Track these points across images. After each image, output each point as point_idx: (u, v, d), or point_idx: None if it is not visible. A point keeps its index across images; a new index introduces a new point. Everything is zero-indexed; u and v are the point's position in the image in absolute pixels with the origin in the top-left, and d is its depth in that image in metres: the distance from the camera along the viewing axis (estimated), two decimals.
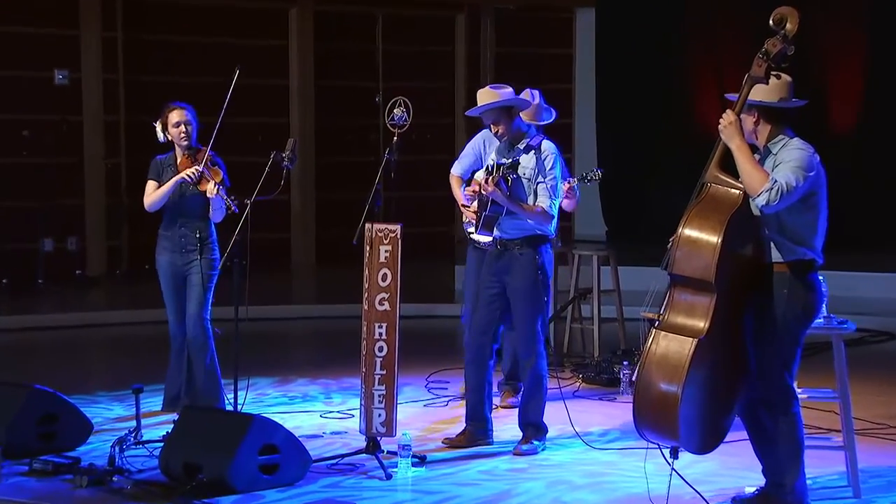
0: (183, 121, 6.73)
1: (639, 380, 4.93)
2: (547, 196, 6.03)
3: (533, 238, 6.07)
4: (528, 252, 6.05)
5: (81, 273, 12.22)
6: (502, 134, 6.08)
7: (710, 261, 4.81)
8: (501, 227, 6.08)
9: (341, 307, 10.51)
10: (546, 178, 6.03)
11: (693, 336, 4.84)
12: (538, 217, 6.02)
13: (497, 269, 6.12)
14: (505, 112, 6.04)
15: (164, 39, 12.90)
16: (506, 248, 6.10)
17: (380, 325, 5.99)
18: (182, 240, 6.74)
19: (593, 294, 8.70)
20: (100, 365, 9.15)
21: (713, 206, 4.91)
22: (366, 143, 13.64)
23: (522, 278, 6.04)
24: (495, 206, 6.01)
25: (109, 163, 12.46)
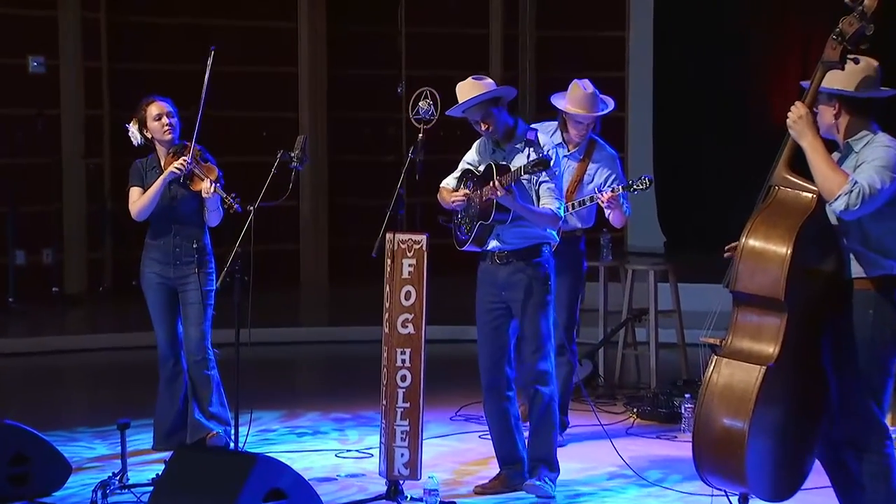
0: (163, 112, 6.82)
1: (699, 415, 4.95)
2: (553, 197, 6.04)
3: (537, 247, 6.10)
4: (535, 262, 6.07)
5: (58, 290, 12.33)
6: (493, 130, 6.04)
7: (779, 275, 4.83)
8: (502, 237, 6.08)
9: (358, 330, 10.59)
10: (549, 177, 6.00)
11: (761, 363, 4.87)
12: (549, 221, 6.05)
13: (498, 285, 6.12)
14: (493, 105, 6.01)
15: (155, 22, 13.04)
16: (507, 260, 6.10)
17: (403, 350, 6.06)
18: (176, 250, 6.82)
19: (649, 315, 8.74)
20: (80, 396, 9.26)
21: (781, 212, 4.92)
22: (386, 140, 13.73)
23: (530, 292, 6.05)
24: (500, 214, 5.97)
25: (91, 163, 12.59)
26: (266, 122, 13.31)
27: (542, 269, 6.06)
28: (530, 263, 6.06)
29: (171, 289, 6.85)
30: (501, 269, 6.10)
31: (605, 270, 9.11)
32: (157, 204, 6.80)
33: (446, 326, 10.12)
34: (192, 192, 6.75)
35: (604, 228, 9.03)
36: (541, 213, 6.01)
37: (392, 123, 13.62)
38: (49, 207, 12.50)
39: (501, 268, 6.10)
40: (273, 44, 13.50)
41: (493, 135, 6.06)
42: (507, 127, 6.07)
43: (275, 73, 13.54)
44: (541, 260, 6.08)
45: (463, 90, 6.04)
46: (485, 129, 6.05)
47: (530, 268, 6.05)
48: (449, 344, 9.92)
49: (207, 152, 6.87)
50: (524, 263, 6.06)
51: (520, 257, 6.07)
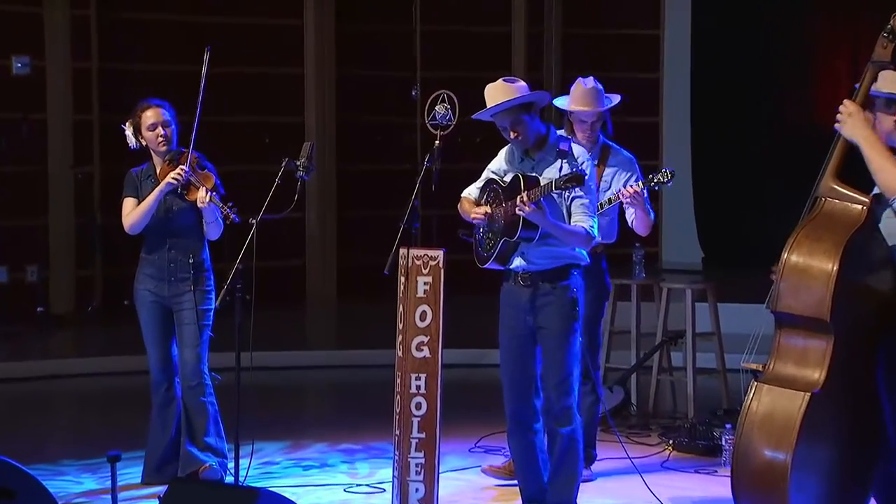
0: (159, 122, 6.84)
1: (738, 446, 4.96)
2: (587, 213, 5.96)
3: (566, 268, 6.03)
4: (563, 284, 6.00)
5: (43, 310, 12.36)
6: (524, 139, 5.98)
7: (824, 294, 4.83)
8: (527, 256, 6.01)
9: (369, 353, 10.61)
10: (583, 192, 5.94)
11: (805, 390, 4.87)
12: (581, 241, 5.98)
13: (521, 308, 6.06)
14: (524, 112, 5.96)
15: (149, 19, 13.10)
16: (532, 282, 6.03)
17: (418, 376, 6.07)
18: (171, 266, 6.85)
19: (686, 338, 8.74)
20: (66, 426, 9.27)
21: (827, 225, 4.92)
22: (400, 147, 13.76)
23: (556, 318, 5.98)
24: (526, 232, 5.90)
25: (80, 172, 12.64)
26: (269, 128, 13.36)
27: (569, 292, 6.00)
28: (557, 286, 6.00)
29: (166, 308, 6.88)
30: (525, 291, 6.05)
31: (637, 289, 9.11)
32: (151, 216, 6.83)
33: (465, 350, 10.13)
34: (189, 203, 6.78)
35: (636, 243, 9.04)
36: (572, 231, 5.93)
37: (406, 129, 13.64)
38: (34, 220, 12.55)
39: (525, 290, 6.04)
40: (277, 42, 13.55)
41: (522, 143, 6.01)
42: (539, 135, 6.02)
43: (279, 75, 13.60)
44: (569, 283, 6.01)
45: (493, 93, 6.00)
46: (514, 136, 6.00)
47: (556, 291, 5.99)
48: (468, 369, 9.92)
49: (206, 159, 6.90)
50: (550, 286, 6.00)
51: (545, 279, 6.01)
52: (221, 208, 6.65)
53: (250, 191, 7.07)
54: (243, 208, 6.67)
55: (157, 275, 6.87)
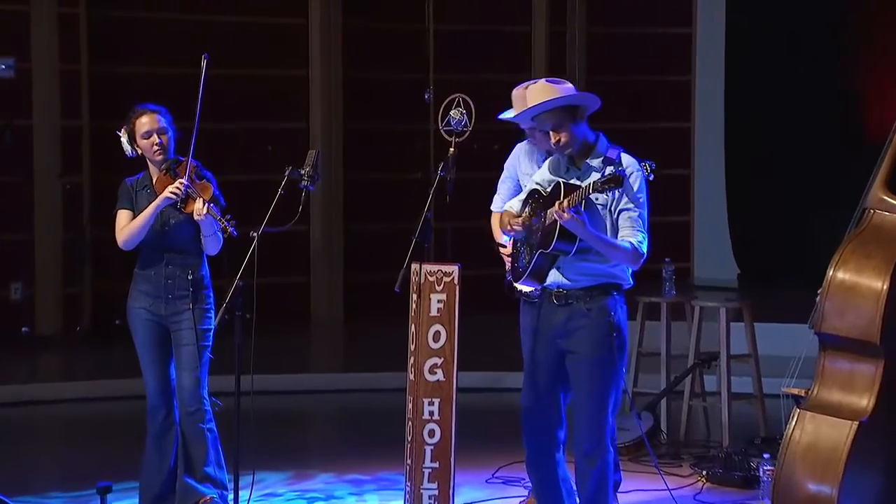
0: (155, 129, 6.84)
1: (779, 478, 4.95)
2: (635, 228, 5.87)
3: (606, 287, 5.94)
4: (600, 306, 5.91)
5: (29, 331, 12.39)
6: (565, 144, 5.91)
7: (873, 314, 4.83)
8: (562, 272, 5.94)
9: (378, 377, 10.60)
10: (633, 204, 5.88)
11: (852, 418, 4.87)
12: (627, 257, 5.88)
13: (554, 330, 5.99)
14: (569, 114, 5.90)
15: (144, 18, 13.12)
16: (567, 300, 5.96)
17: (431, 401, 6.07)
18: (168, 283, 6.86)
19: (721, 361, 8.73)
20: (53, 455, 9.28)
21: (877, 239, 4.92)
22: (412, 155, 13.77)
23: (590, 343, 5.89)
24: (563, 243, 5.81)
25: (68, 183, 12.66)
26: (271, 135, 13.37)
27: (607, 316, 5.90)
28: (594, 308, 5.91)
29: (163, 327, 6.88)
30: (559, 311, 5.96)
31: (667, 307, 9.10)
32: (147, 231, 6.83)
33: (482, 373, 10.12)
34: (187, 216, 6.79)
35: (666, 258, 9.03)
36: (616, 245, 5.84)
37: (418, 136, 13.65)
38: (18, 234, 12.56)
39: (559, 310, 5.96)
40: (280, 43, 13.57)
41: (565, 149, 5.97)
42: (586, 143, 5.96)
43: (282, 77, 13.61)
44: (608, 305, 5.92)
45: (534, 94, 5.96)
46: (555, 141, 5.93)
47: (593, 313, 5.91)
48: (485, 393, 9.92)
49: (204, 168, 6.91)
50: (585, 307, 5.93)
51: (581, 298, 5.93)
52: (219, 221, 6.65)
53: (251, 202, 7.08)
54: (244, 220, 6.67)
55: (152, 292, 6.87)
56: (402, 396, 6.25)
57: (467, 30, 14.03)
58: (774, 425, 8.31)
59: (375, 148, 13.90)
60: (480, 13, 14.05)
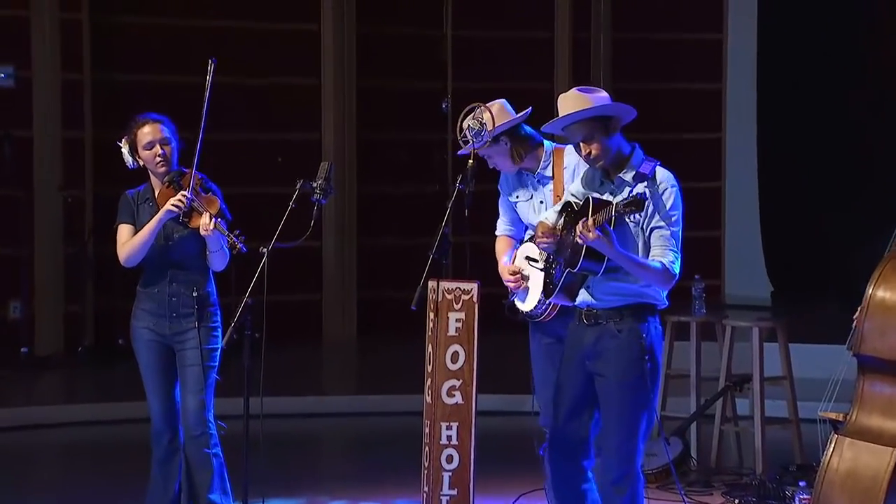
0: (157, 139, 6.83)
1: None
2: (667, 247, 5.84)
3: (638, 308, 5.90)
4: (631, 327, 5.87)
5: (28, 351, 12.41)
6: (596, 157, 5.89)
7: None
8: (592, 291, 5.92)
9: (394, 399, 10.59)
10: (665, 222, 5.85)
11: (893, 444, 4.84)
12: (657, 278, 5.85)
13: (583, 351, 5.97)
14: (601, 126, 5.89)
15: (148, 24, 13.16)
16: (596, 320, 5.93)
17: (449, 424, 6.05)
18: (172, 300, 6.85)
19: (753, 383, 8.70)
20: (52, 481, 9.25)
21: None
22: (429, 167, 13.77)
23: (620, 366, 5.85)
24: (590, 262, 5.78)
25: (69, 196, 12.69)
26: (282, 146, 13.39)
27: (639, 338, 5.87)
28: (625, 329, 5.87)
29: (167, 347, 6.88)
30: (588, 331, 5.94)
31: (697, 327, 9.07)
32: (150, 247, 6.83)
33: (502, 395, 10.10)
34: (191, 231, 6.79)
35: (696, 276, 9.00)
36: (646, 265, 5.81)
37: (435, 147, 13.66)
38: (17, 250, 12.59)
39: (588, 330, 5.93)
40: (290, 49, 13.59)
41: (596, 162, 5.93)
42: (620, 154, 5.94)
43: (292, 86, 13.63)
44: (639, 326, 5.88)
45: (564, 103, 5.94)
46: (585, 154, 5.91)
47: (624, 334, 5.87)
48: (505, 416, 9.89)
49: (210, 181, 6.91)
50: (616, 327, 5.89)
51: (611, 318, 5.90)
52: (227, 236, 6.64)
53: (261, 216, 7.06)
54: (252, 236, 6.66)
55: (156, 311, 6.87)
56: (418, 420, 6.23)
57: (486, 36, 14.03)
58: (811, 451, 8.26)
59: (390, 159, 13.91)
60: (500, 18, 14.06)
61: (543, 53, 14.11)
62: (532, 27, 14.15)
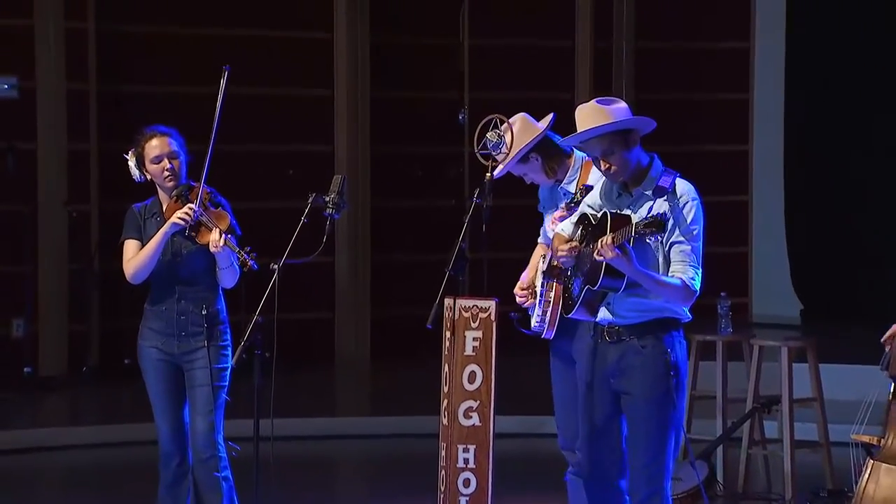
0: (165, 153, 6.84)
1: None
2: (687, 263, 5.86)
3: (661, 323, 5.93)
4: (655, 343, 5.90)
5: (31, 371, 12.40)
6: (615, 172, 5.92)
7: None
8: (614, 307, 5.95)
9: (408, 421, 10.59)
10: (685, 237, 5.86)
11: None
12: (677, 295, 5.88)
13: (607, 370, 5.98)
14: (621, 139, 5.90)
15: (156, 32, 13.17)
16: (619, 337, 5.95)
17: (466, 447, 6.05)
18: (181, 318, 6.86)
19: (782, 405, 8.68)
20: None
21: None
22: (445, 181, 13.78)
23: (646, 383, 5.88)
24: (610, 279, 5.81)
25: (75, 210, 12.71)
26: (293, 158, 13.40)
27: (663, 354, 5.89)
28: (648, 345, 5.91)
29: (176, 367, 6.89)
30: (611, 349, 5.96)
31: (723, 346, 9.06)
32: (157, 262, 6.85)
33: (521, 417, 10.09)
34: (200, 246, 6.80)
35: (721, 293, 8.99)
36: (666, 283, 5.84)
37: (452, 160, 13.67)
38: (21, 266, 12.58)
39: (611, 347, 5.96)
40: (303, 59, 13.59)
41: (616, 177, 5.95)
42: (639, 168, 5.95)
43: (304, 96, 13.64)
44: (663, 341, 5.91)
45: (582, 116, 5.96)
46: (604, 169, 5.94)
47: (648, 350, 5.90)
48: (524, 439, 9.89)
49: (219, 195, 6.92)
50: (640, 344, 5.92)
51: (635, 334, 5.92)
52: (238, 253, 6.66)
53: (272, 231, 7.09)
54: (263, 251, 6.68)
55: (164, 329, 6.89)
56: (434, 442, 6.24)
57: (505, 44, 14.03)
58: (842, 476, 8.25)
59: (405, 173, 13.91)
60: (519, 27, 14.06)
61: (564, 62, 14.10)
62: (552, 35, 14.15)
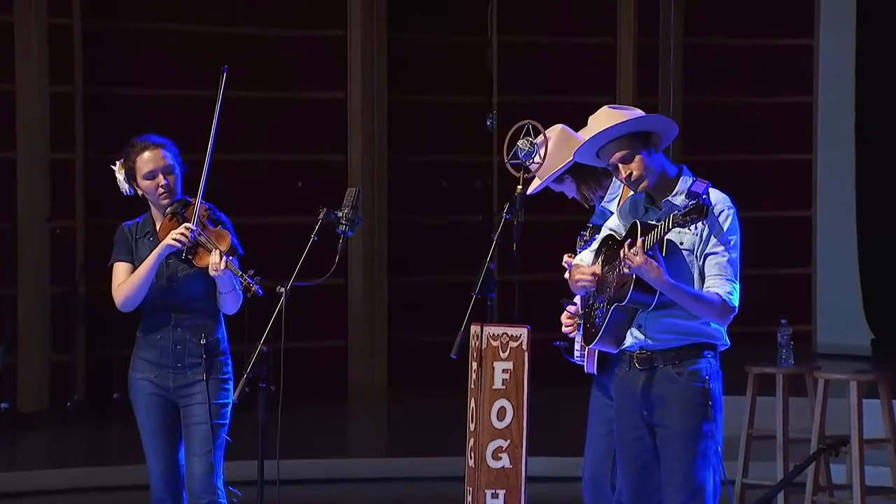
0: (160, 168, 6.84)
1: None
2: (724, 276, 5.89)
3: (697, 347, 5.97)
4: (691, 370, 5.93)
5: (9, 407, 12.42)
6: (637, 178, 5.93)
7: None
8: (644, 329, 5.97)
9: (429, 462, 10.58)
10: (722, 248, 5.89)
11: None
12: (714, 312, 5.91)
13: (638, 400, 6.01)
14: (639, 142, 5.93)
15: (148, 30, 13.22)
16: (651, 364, 5.98)
17: (495, 492, 6.06)
18: (176, 348, 6.88)
19: (851, 446, 8.67)
20: None
21: None
22: (471, 194, 13.79)
23: (681, 415, 5.92)
24: (640, 293, 5.84)
25: (58, 227, 12.74)
26: (302, 169, 13.43)
27: (697, 380, 5.93)
28: (684, 372, 5.94)
29: (171, 403, 6.91)
30: (643, 376, 5.99)
31: (784, 380, 9.06)
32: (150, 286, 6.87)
33: (554, 458, 10.09)
34: (198, 269, 6.82)
35: (781, 320, 8.99)
36: (701, 297, 5.88)
37: (479, 170, 13.68)
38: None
39: (643, 375, 5.99)
40: (313, 59, 13.62)
41: (638, 184, 5.97)
42: (665, 176, 5.99)
43: (315, 99, 13.67)
44: (699, 368, 5.95)
45: (594, 124, 6.01)
46: (625, 175, 5.96)
47: (683, 378, 5.94)
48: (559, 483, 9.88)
49: (219, 211, 6.93)
50: (674, 371, 5.95)
51: (669, 360, 5.96)
52: (241, 277, 6.67)
53: (278, 250, 7.11)
54: (269, 273, 6.70)
55: (158, 360, 6.91)
56: (459, 486, 6.25)
57: (537, 42, 14.04)
58: None
59: (427, 185, 13.93)
60: (554, 22, 14.06)
61: (603, 62, 14.10)
62: (590, 32, 14.15)
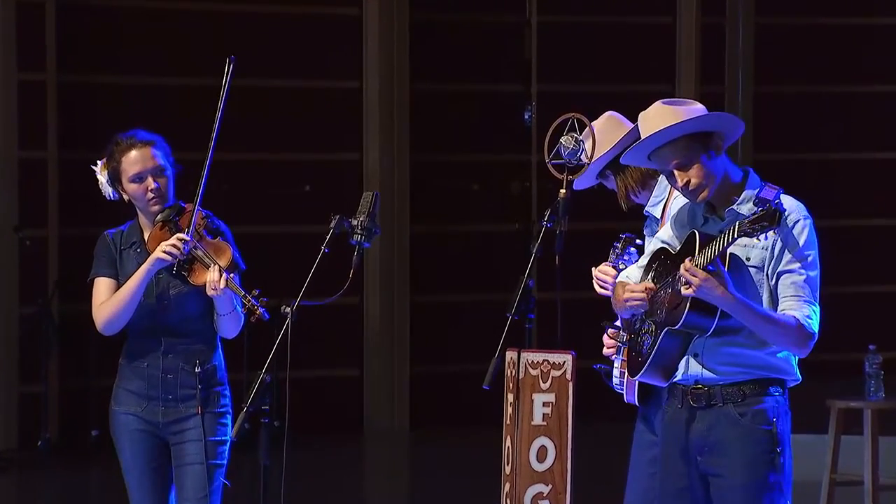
0: (149, 169, 6.84)
1: None
2: (802, 298, 5.87)
3: (763, 383, 5.93)
4: (756, 410, 5.90)
5: None
6: (697, 186, 5.91)
7: None
8: (703, 359, 5.94)
9: None
10: (799, 263, 5.87)
11: None
12: (790, 338, 5.87)
13: (692, 443, 5.99)
14: (699, 144, 5.90)
15: (133, 7, 13.24)
16: (709, 401, 5.96)
17: None
18: (167, 378, 6.90)
19: None
20: None
21: None
22: (505, 199, 13.81)
23: (744, 463, 5.88)
24: (697, 316, 5.79)
25: (27, 237, 12.78)
26: (311, 170, 13.46)
27: (766, 423, 5.91)
28: (748, 412, 5.91)
29: (160, 440, 6.94)
30: (698, 416, 5.98)
31: (873, 416, 9.06)
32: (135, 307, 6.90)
33: None
34: (193, 287, 6.85)
35: (870, 346, 8.99)
36: (777, 319, 5.85)
37: (516, 171, 13.70)
38: None
39: (698, 414, 5.98)
40: (324, 42, 13.65)
41: (698, 193, 5.95)
42: (728, 182, 5.98)
43: (327, 90, 13.70)
44: (766, 408, 5.92)
45: (646, 122, 6.00)
46: (682, 184, 5.94)
47: (747, 420, 5.92)
48: None
49: (217, 218, 6.96)
50: (737, 411, 5.93)
51: (730, 398, 5.93)
52: (243, 297, 6.70)
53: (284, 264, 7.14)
54: (272, 290, 6.73)
55: (146, 392, 6.94)
56: None
57: (583, 22, 14.04)
58: None
59: (455, 189, 13.95)
60: (602, 2, 14.06)
61: (661, 45, 14.09)
62: (645, 10, 14.15)
